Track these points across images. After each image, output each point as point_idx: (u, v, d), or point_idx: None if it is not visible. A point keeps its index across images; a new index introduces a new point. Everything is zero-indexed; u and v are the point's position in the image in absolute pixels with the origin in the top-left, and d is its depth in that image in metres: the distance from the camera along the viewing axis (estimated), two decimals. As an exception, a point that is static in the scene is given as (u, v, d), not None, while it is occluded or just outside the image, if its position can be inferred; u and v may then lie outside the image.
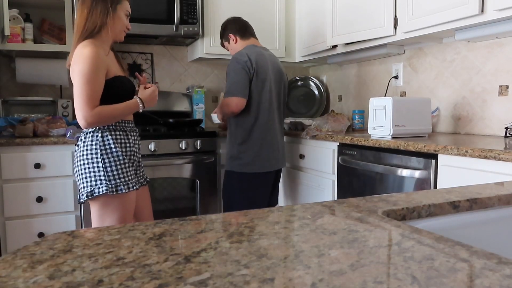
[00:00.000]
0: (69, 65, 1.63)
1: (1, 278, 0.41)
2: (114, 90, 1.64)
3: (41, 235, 2.27)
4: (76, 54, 1.58)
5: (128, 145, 1.68)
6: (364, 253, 0.47)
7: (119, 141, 1.64)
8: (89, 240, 0.53)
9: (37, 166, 2.22)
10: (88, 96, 1.54)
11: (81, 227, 2.35)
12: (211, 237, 0.54)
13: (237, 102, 2.08)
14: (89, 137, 1.63)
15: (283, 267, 0.43)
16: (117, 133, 1.65)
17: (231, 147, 2.19)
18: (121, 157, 1.62)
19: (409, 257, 0.46)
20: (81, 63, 1.55)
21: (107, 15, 1.63)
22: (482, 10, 1.76)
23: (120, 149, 1.63)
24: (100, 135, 1.61)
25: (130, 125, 1.74)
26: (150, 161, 2.43)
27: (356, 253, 0.47)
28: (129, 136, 1.70)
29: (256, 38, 2.34)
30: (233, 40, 2.28)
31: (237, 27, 2.28)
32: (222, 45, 2.39)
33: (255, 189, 2.18)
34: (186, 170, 2.54)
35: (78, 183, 1.64)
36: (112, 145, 1.62)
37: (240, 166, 2.15)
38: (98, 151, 1.60)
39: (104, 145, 1.61)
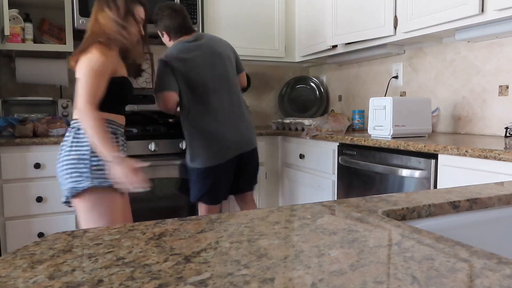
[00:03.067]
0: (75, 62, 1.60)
1: (1, 278, 0.41)
2: (119, 90, 1.64)
3: (41, 235, 2.27)
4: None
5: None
6: (364, 253, 0.47)
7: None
8: (89, 240, 0.53)
9: (37, 166, 2.22)
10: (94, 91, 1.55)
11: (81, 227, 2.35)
12: (211, 237, 0.54)
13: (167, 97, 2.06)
14: (69, 132, 1.61)
15: (283, 267, 0.43)
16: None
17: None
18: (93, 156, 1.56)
19: (409, 257, 0.46)
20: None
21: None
22: (482, 10, 1.76)
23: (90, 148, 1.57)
24: (76, 128, 1.59)
25: (121, 129, 1.71)
26: (150, 161, 2.43)
27: (356, 253, 0.47)
28: (117, 140, 1.66)
29: (188, 30, 2.17)
30: (167, 37, 2.18)
31: (171, 27, 2.14)
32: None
33: (202, 181, 2.12)
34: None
35: (61, 183, 1.59)
36: (85, 141, 1.56)
37: (190, 162, 2.14)
38: (73, 144, 1.56)
39: (78, 137, 1.56)
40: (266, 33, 3.04)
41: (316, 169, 2.42)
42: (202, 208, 2.19)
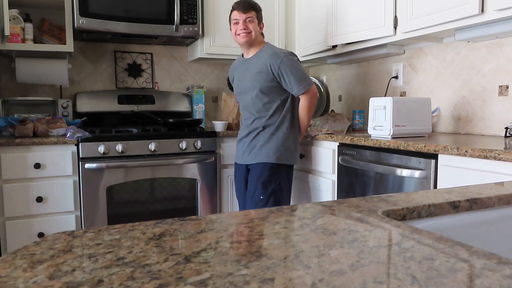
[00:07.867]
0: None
1: (1, 278, 0.41)
2: None
3: (41, 235, 2.27)
4: None
5: None
6: (364, 253, 0.47)
7: None
8: (89, 240, 0.53)
9: (37, 166, 2.22)
10: None
11: (81, 227, 2.35)
12: (211, 237, 0.54)
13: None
14: None
15: (283, 267, 0.43)
16: None
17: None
18: None
19: (409, 257, 0.46)
20: None
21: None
22: (482, 10, 1.76)
23: None
24: None
25: None
26: (150, 161, 2.43)
27: (356, 253, 0.47)
28: None
29: None
30: (261, 29, 2.27)
31: None
32: (251, 16, 2.17)
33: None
34: (186, 170, 2.54)
35: None
36: None
37: None
38: None
39: None
40: (266, 33, 3.04)
41: (316, 169, 2.42)
42: None
